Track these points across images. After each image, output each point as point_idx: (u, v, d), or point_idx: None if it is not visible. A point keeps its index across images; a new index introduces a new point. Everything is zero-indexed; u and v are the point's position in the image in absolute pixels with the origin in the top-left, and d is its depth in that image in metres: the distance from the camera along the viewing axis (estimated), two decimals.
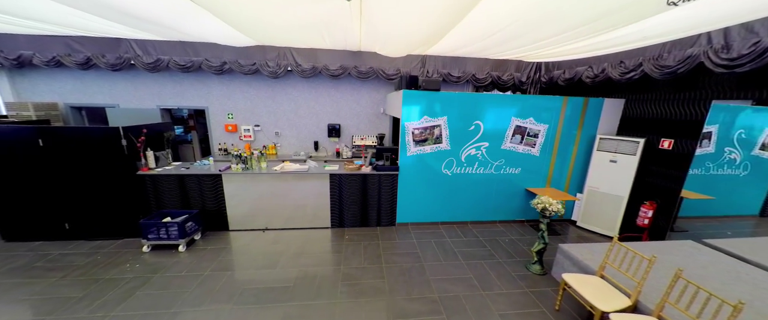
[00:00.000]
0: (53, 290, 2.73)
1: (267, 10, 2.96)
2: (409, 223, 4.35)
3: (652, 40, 3.30)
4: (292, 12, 2.98)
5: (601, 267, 2.52)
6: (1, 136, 3.28)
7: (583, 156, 4.35)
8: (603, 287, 2.37)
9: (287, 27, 3.60)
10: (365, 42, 4.41)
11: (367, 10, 2.85)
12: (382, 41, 4.03)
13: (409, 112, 3.86)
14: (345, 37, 4.05)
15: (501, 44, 3.91)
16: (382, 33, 3.53)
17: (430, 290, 2.87)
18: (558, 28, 3.11)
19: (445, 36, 3.58)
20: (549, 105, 4.08)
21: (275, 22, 3.42)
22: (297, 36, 4.22)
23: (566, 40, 3.59)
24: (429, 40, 3.77)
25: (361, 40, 4.31)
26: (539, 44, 3.83)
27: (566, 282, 2.47)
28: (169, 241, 3.45)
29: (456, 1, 2.49)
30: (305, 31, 3.78)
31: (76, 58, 4.79)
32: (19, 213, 3.52)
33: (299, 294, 2.75)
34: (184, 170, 3.85)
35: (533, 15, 2.82)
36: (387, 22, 3.19)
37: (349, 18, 3.11)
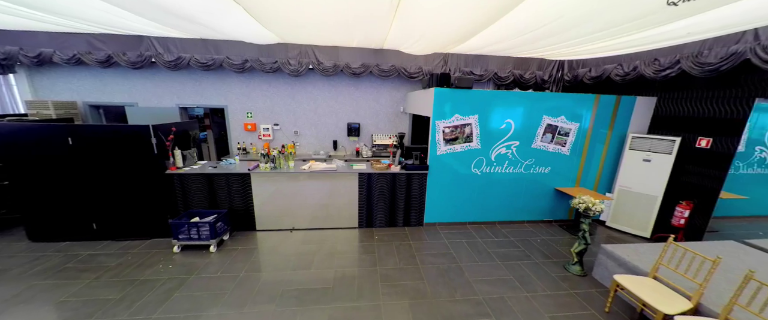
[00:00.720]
0: (90, 292, 2.67)
1: (307, 7, 2.91)
2: (437, 223, 4.29)
3: (694, 37, 3.24)
4: (333, 8, 2.93)
5: (654, 268, 2.46)
6: (30, 134, 3.22)
7: (613, 155, 4.29)
8: (659, 289, 2.31)
9: (320, 24, 3.54)
10: (392, 39, 4.36)
11: (407, 5, 2.79)
12: (413, 38, 3.96)
13: (440, 111, 3.80)
14: (373, 34, 3.99)
15: (534, 42, 3.85)
16: (417, 29, 3.47)
17: (472, 292, 2.81)
18: (600, 24, 3.06)
19: (480, 33, 3.52)
20: (581, 103, 4.02)
21: (309, 19, 3.36)
22: (327, 34, 4.16)
23: (602, 38, 3.54)
24: (463, 37, 3.71)
25: (387, 38, 4.25)
26: (574, 42, 3.77)
27: (619, 283, 2.41)
28: (199, 242, 3.39)
29: None
30: (337, 28, 3.72)
31: (97, 55, 4.73)
32: (46, 213, 3.46)
33: (340, 296, 2.69)
34: (211, 169, 3.79)
35: (578, 12, 2.77)
36: (425, 18, 3.13)
37: (386, 13, 3.05)
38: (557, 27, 3.16)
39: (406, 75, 5.37)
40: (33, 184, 3.36)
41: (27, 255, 3.25)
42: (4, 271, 2.95)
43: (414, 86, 5.82)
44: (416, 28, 3.36)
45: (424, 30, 3.40)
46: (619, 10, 2.65)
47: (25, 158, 3.28)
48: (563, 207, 4.49)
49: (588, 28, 3.19)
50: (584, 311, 2.59)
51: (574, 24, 3.06)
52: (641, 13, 2.69)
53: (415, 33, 3.53)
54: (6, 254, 3.27)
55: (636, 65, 4.07)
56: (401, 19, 3.20)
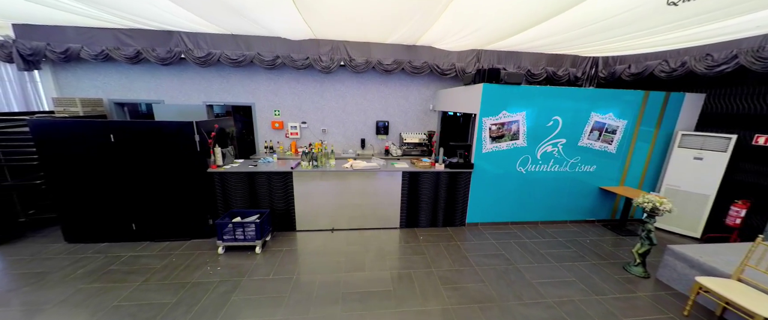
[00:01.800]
0: (142, 295, 2.55)
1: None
2: (480, 223, 4.18)
3: (760, 31, 3.14)
4: (390, 3, 2.82)
5: (739, 269, 2.35)
6: (71, 130, 3.10)
7: (659, 153, 4.19)
8: (748, 291, 2.20)
9: (370, 17, 3.42)
10: (432, 35, 4.25)
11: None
12: (464, 32, 3.85)
13: (488, 107, 3.69)
14: (418, 27, 3.88)
15: (584, 37, 3.74)
16: (469, 23, 3.36)
17: (539, 294, 2.70)
18: (664, 19, 2.95)
19: (534, 27, 3.41)
20: (630, 99, 3.92)
21: (360, 12, 3.25)
22: (369, 29, 4.05)
23: (657, 33, 3.44)
24: (517, 30, 3.59)
25: (427, 33, 4.15)
26: (626, 37, 3.67)
27: (703, 285, 2.31)
28: (244, 242, 3.26)
29: None
30: (384, 22, 3.60)
31: (126, 51, 4.60)
32: (85, 213, 3.34)
33: (405, 299, 2.58)
34: (252, 167, 3.67)
35: (647, 7, 2.67)
36: (486, 11, 3.02)
37: (443, 4, 2.93)
38: (621, 20, 3.05)
39: (438, 72, 5.26)
40: (72, 183, 3.23)
41: (66, 257, 3.12)
42: (46, 274, 2.82)
43: (444, 84, 5.71)
44: (465, 22, 3.25)
45: (482, 23, 3.27)
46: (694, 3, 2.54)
47: (64, 156, 3.15)
48: (606, 207, 4.38)
49: (650, 23, 3.09)
50: (661, 315, 2.48)
51: (640, 17, 2.95)
52: (706, 8, 2.61)
53: (470, 25, 3.41)
54: (44, 256, 3.14)
55: (685, 61, 3.97)
56: (455, 12, 3.09)
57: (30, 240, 3.47)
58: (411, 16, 3.23)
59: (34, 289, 2.60)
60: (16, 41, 4.45)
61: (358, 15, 3.36)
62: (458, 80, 5.58)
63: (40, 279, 2.74)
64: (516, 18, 3.11)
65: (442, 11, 3.08)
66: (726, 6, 2.56)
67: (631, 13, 2.82)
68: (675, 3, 2.59)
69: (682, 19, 2.95)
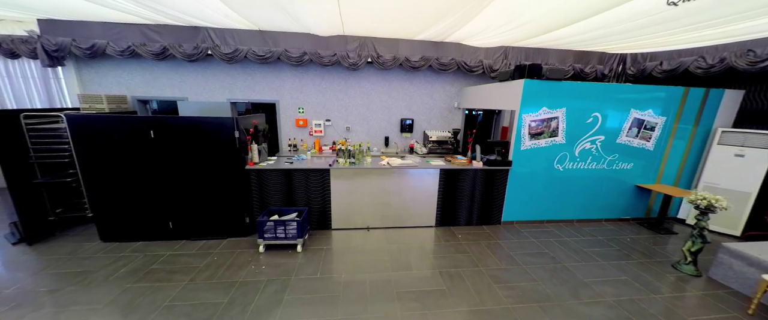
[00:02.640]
0: (192, 295, 2.48)
1: None
2: (515, 221, 4.12)
3: None
4: None
5: None
6: (112, 126, 3.02)
7: (696, 150, 4.14)
8: None
9: (413, 11, 3.35)
10: (467, 30, 4.19)
11: None
12: (500, 28, 3.80)
13: (528, 104, 3.64)
14: (455, 24, 3.82)
15: (627, 32, 3.69)
16: (517, 16, 3.28)
17: (596, 293, 2.64)
18: (728, 11, 2.89)
19: (581, 21, 3.36)
20: (669, 96, 3.87)
21: (403, 7, 3.18)
22: (408, 24, 3.97)
23: (707, 27, 3.39)
24: (557, 26, 3.54)
25: (461, 29, 4.09)
26: (665, 33, 3.62)
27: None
28: (285, 241, 3.20)
29: None
30: (423, 19, 3.54)
31: (152, 47, 4.53)
32: (122, 211, 3.26)
33: (462, 298, 2.51)
34: (288, 164, 3.60)
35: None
36: (529, 5, 2.96)
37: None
38: (667, 17, 3.00)
39: (466, 68, 5.21)
40: (109, 180, 3.16)
41: (105, 256, 3.05)
42: (88, 273, 2.75)
43: (470, 81, 5.65)
44: (522, 13, 3.17)
45: (533, 15, 3.20)
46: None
47: (101, 152, 3.08)
48: (641, 205, 4.33)
49: (710, 15, 3.03)
50: (725, 314, 2.43)
51: (702, 10, 2.88)
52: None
53: (517, 19, 3.34)
54: (81, 255, 3.07)
55: (724, 57, 3.92)
56: (504, 5, 3.02)
57: (63, 239, 3.39)
58: (459, 9, 3.16)
59: (79, 289, 2.52)
60: (41, 37, 4.38)
61: (402, 9, 3.29)
62: (485, 77, 5.52)
63: (83, 278, 2.67)
64: (570, 10, 3.04)
65: (489, 3, 3.02)
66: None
67: (676, 10, 2.77)
68: (675, 3, 2.60)
69: (725, 16, 2.90)
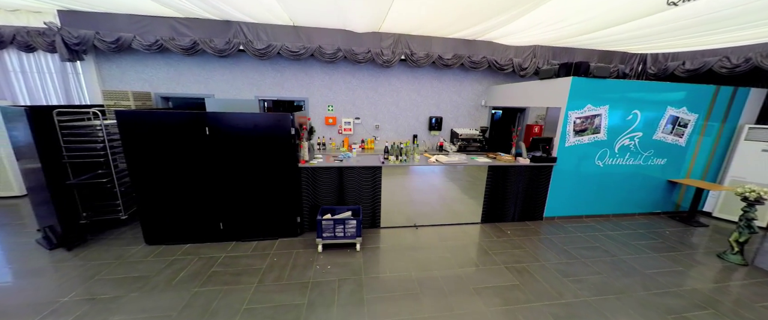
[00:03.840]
0: (267, 297, 2.39)
1: None
2: (556, 217, 4.20)
3: None
4: None
5: None
6: (168, 123, 2.87)
7: (722, 146, 4.34)
8: None
9: (459, 11, 3.36)
10: (506, 29, 4.23)
11: None
12: (542, 28, 3.86)
13: (574, 101, 3.71)
14: (499, 23, 3.85)
15: (657, 34, 3.83)
16: (572, 15, 3.34)
17: (661, 284, 2.72)
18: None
19: (619, 24, 3.46)
20: (702, 94, 4.04)
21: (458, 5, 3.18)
22: (457, 22, 3.97)
23: (730, 31, 3.55)
24: (594, 29, 3.63)
25: (506, 26, 4.11)
26: (699, 34, 3.77)
27: None
28: (344, 240, 3.13)
29: None
30: (478, 15, 3.53)
31: (182, 42, 4.35)
32: (171, 212, 3.11)
33: (538, 293, 2.53)
34: (338, 162, 3.53)
35: None
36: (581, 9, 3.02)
37: None
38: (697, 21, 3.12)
39: (496, 67, 5.27)
40: (158, 181, 3.01)
41: (157, 260, 2.89)
42: (146, 279, 2.60)
43: (498, 79, 5.72)
44: (578, 12, 3.23)
45: (591, 15, 3.25)
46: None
47: (153, 150, 2.93)
48: (671, 200, 4.50)
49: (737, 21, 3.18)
50: None
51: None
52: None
53: (570, 18, 3.39)
54: (130, 259, 2.90)
55: (749, 57, 4.13)
56: (560, 4, 3.07)
57: (101, 243, 3.20)
58: (516, 7, 3.18)
59: (144, 295, 2.39)
60: (62, 29, 4.12)
61: (459, 5, 3.28)
62: (513, 76, 5.60)
63: (143, 283, 2.53)
64: (614, 17, 3.12)
65: (544, 2, 3.06)
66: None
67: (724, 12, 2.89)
68: (675, 3, 2.70)
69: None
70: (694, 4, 2.80)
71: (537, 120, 6.00)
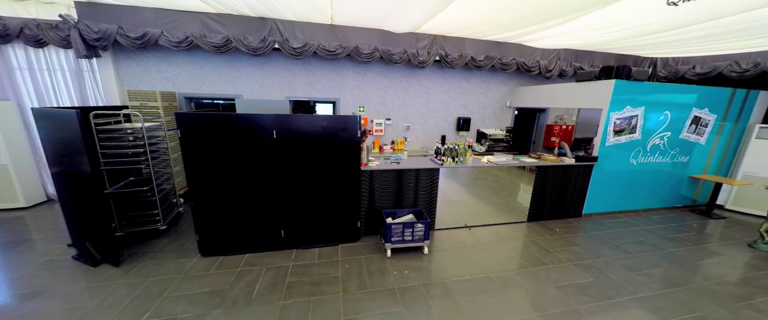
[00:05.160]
0: (363, 305, 2.31)
1: None
2: (593, 214, 4.38)
3: None
4: None
5: None
6: (233, 126, 2.69)
7: (734, 144, 4.72)
8: None
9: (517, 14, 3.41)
10: (544, 33, 4.34)
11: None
12: (573, 34, 3.99)
13: (616, 103, 3.88)
14: (539, 27, 3.94)
15: (682, 41, 4.09)
16: (630, 19, 3.46)
17: (713, 275, 2.92)
18: None
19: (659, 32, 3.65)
20: (721, 96, 4.36)
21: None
22: (512, 26, 4.00)
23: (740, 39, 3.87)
24: (631, 36, 3.81)
25: (545, 30, 4.22)
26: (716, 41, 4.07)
27: None
28: (412, 243, 3.10)
29: None
30: (534, 18, 3.59)
31: (213, 39, 4.10)
32: (229, 221, 2.93)
33: (615, 288, 2.64)
34: (395, 165, 3.48)
35: None
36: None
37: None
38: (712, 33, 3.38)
39: (524, 68, 5.39)
40: (217, 188, 2.82)
41: (222, 273, 2.72)
42: (221, 293, 2.44)
43: (522, 80, 5.87)
44: (637, 17, 3.35)
45: (648, 21, 3.39)
46: None
47: (213, 156, 2.74)
48: (689, 195, 4.83)
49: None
50: None
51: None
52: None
53: (625, 23, 3.52)
54: (193, 274, 2.70)
55: (758, 62, 4.51)
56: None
57: (145, 258, 2.95)
58: (572, 12, 3.27)
59: (229, 311, 2.24)
60: (79, 22, 3.74)
61: (517, 7, 3.31)
62: (538, 77, 5.77)
63: (221, 299, 2.37)
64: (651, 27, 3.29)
65: (602, 6, 3.17)
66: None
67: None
68: (675, 3, 2.76)
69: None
70: (697, 5, 2.81)
71: (556, 120, 6.22)
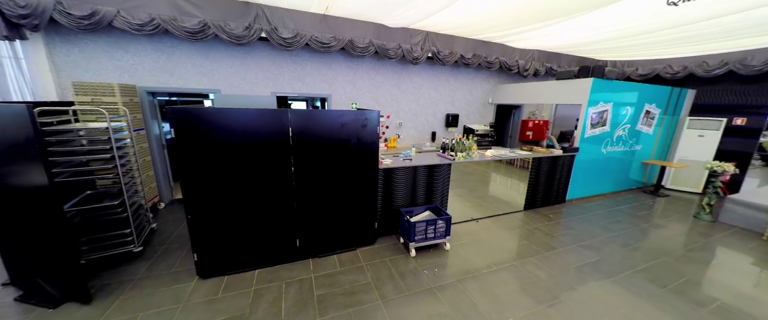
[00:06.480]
0: (406, 311, 2.18)
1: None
2: (574, 199, 4.85)
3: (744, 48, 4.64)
4: None
5: None
6: (243, 123, 2.30)
7: (671, 134, 5.66)
8: None
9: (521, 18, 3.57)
10: (533, 34, 4.65)
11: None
12: (553, 36, 4.36)
13: (594, 99, 4.34)
14: (535, 27, 4.21)
15: (637, 46, 4.77)
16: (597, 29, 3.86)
17: (684, 243, 3.44)
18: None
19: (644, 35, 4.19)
20: (663, 93, 5.18)
21: None
22: (507, 25, 4.14)
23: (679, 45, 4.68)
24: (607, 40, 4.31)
25: (533, 31, 4.51)
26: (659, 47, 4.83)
27: None
28: (434, 240, 3.04)
29: None
30: (528, 19, 3.79)
31: (187, 23, 3.52)
32: (236, 234, 2.51)
33: (619, 265, 2.92)
34: (408, 163, 3.38)
35: None
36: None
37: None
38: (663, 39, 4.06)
39: (506, 67, 5.72)
40: (222, 196, 2.40)
41: (236, 295, 2.32)
42: (240, 319, 2.08)
43: (502, 79, 6.23)
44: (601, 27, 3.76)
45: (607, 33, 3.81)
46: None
47: (219, 158, 2.32)
48: (640, 177, 5.66)
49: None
50: (749, 242, 3.50)
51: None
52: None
53: (596, 31, 3.92)
54: (197, 300, 2.26)
55: (686, 65, 5.48)
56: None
57: (123, 289, 2.39)
58: (561, 15, 3.54)
59: None
60: None
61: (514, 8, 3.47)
62: (517, 76, 6.18)
63: None
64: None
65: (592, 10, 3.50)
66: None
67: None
68: (675, 3, 2.88)
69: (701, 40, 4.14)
70: (693, 5, 3.02)
71: (529, 115, 6.75)
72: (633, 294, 2.47)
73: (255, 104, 4.24)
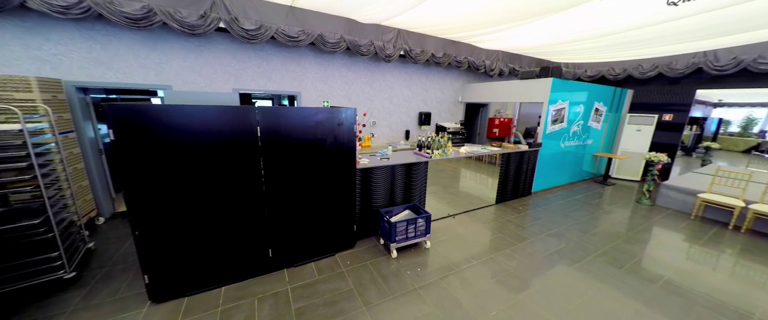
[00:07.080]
0: (393, 315, 2.09)
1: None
2: (539, 191, 5.18)
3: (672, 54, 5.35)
4: None
5: (709, 187, 4.16)
6: (202, 121, 2.01)
7: (614, 129, 6.33)
8: (722, 198, 3.99)
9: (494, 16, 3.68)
10: (501, 34, 4.84)
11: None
12: (518, 38, 4.62)
13: (553, 97, 4.66)
14: (503, 28, 4.38)
15: (586, 50, 5.24)
16: (556, 32, 4.13)
17: (631, 225, 3.85)
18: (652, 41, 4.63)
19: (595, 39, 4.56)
20: (609, 93, 5.76)
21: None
22: (477, 25, 4.20)
23: (622, 50, 5.27)
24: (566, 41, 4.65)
25: (500, 33, 4.71)
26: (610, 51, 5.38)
27: (704, 199, 3.99)
28: (415, 240, 3.00)
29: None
30: (500, 19, 3.91)
31: (128, 8, 3.06)
32: (197, 250, 2.21)
33: (583, 249, 3.15)
34: (386, 162, 3.30)
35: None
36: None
37: None
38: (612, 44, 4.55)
39: (473, 67, 5.92)
40: (179, 208, 2.09)
41: (199, 317, 2.04)
42: None
43: (470, 78, 6.44)
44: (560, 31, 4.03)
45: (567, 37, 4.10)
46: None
47: (174, 164, 2.01)
48: (591, 168, 6.26)
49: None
50: (681, 221, 4.05)
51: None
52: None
53: (557, 35, 4.18)
54: None
55: (625, 68, 6.17)
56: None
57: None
58: (530, 16, 3.72)
59: None
60: None
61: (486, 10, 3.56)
62: (483, 75, 6.43)
63: None
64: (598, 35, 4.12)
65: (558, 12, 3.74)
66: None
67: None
68: (675, 3, 2.88)
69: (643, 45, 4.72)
70: (694, 5, 3.03)
71: (495, 113, 7.10)
72: (596, 278, 2.67)
73: (214, 102, 3.84)
